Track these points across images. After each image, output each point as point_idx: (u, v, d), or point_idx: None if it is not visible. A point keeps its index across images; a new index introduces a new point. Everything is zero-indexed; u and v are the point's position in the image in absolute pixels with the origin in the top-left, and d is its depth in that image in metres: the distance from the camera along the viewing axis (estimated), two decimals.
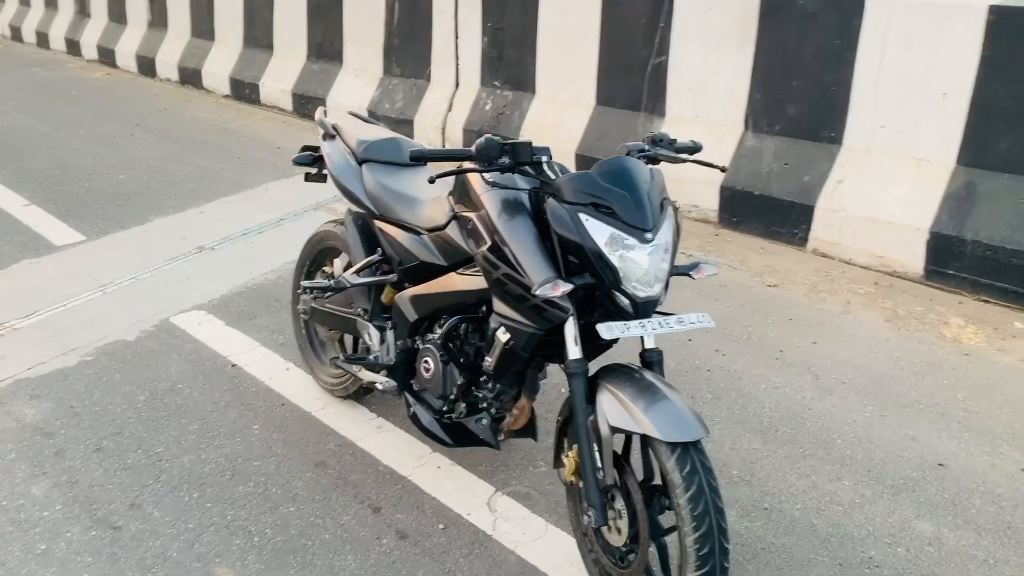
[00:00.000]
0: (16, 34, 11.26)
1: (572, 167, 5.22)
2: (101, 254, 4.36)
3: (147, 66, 8.90)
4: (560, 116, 5.43)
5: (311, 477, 2.63)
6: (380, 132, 2.79)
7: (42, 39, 10.71)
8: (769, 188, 4.44)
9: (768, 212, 4.46)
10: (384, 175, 2.60)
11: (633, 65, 5.01)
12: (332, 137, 2.83)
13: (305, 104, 7.15)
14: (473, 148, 1.96)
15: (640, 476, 1.97)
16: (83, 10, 10.04)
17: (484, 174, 2.08)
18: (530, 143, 2.00)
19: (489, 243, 2.03)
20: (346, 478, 2.62)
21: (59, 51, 10.45)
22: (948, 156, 3.90)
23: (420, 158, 1.99)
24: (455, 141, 6.01)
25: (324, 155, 2.81)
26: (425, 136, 6.19)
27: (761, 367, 3.26)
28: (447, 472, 2.64)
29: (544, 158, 2.02)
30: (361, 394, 2.98)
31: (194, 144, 6.48)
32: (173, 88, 8.53)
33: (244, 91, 7.75)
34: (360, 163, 2.67)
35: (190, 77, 8.37)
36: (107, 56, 9.51)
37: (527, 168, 2.01)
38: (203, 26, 8.22)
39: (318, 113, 2.98)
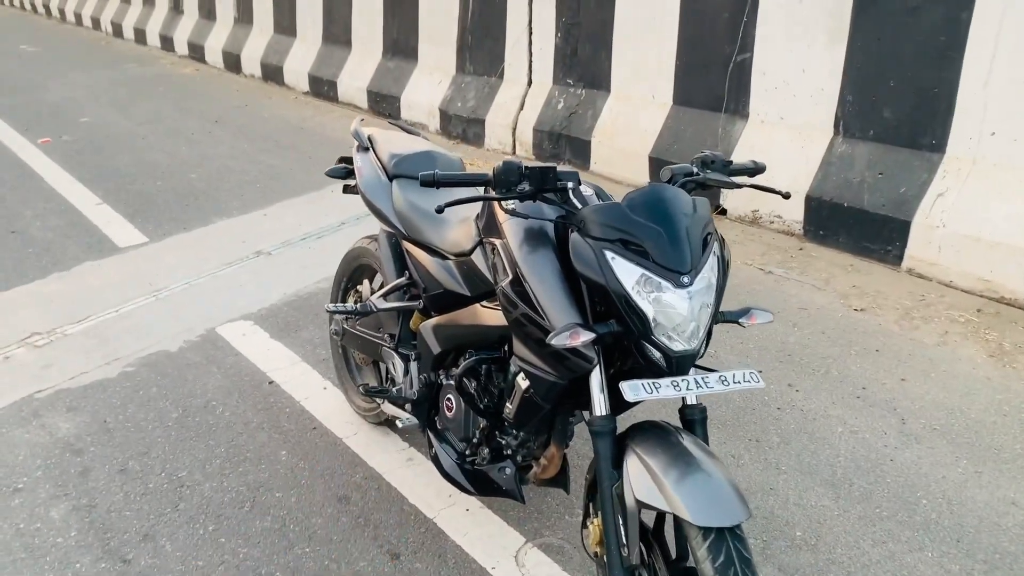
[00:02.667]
0: (117, 31, 11.65)
1: (644, 171, 4.92)
2: (160, 257, 4.34)
3: (233, 62, 9.02)
4: (635, 116, 5.12)
5: (332, 513, 2.46)
6: (416, 144, 2.59)
7: (139, 35, 11.03)
8: (860, 199, 4.03)
9: (859, 226, 4.05)
10: (414, 193, 2.40)
11: (714, 62, 4.66)
12: (366, 149, 2.65)
13: (380, 102, 7.05)
14: (491, 172, 1.73)
15: (673, 553, 1.71)
16: (177, 7, 10.27)
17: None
18: (554, 167, 1.75)
19: (510, 277, 1.79)
20: (368, 517, 2.44)
21: (154, 47, 10.74)
22: None
23: (432, 183, 1.76)
24: (525, 142, 5.78)
25: (355, 169, 2.63)
26: (496, 136, 5.99)
27: (839, 407, 2.91)
28: (475, 516, 2.42)
29: (570, 184, 1.76)
30: (393, 421, 2.80)
31: (268, 142, 6.47)
32: (256, 84, 8.60)
33: (322, 88, 7.73)
34: (391, 179, 2.48)
35: (272, 74, 8.41)
36: (197, 52, 9.70)
37: (553, 196, 1.76)
38: (285, 22, 8.24)
39: (355, 123, 2.80)
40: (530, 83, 5.84)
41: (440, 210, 1.74)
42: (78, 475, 2.65)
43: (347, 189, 2.85)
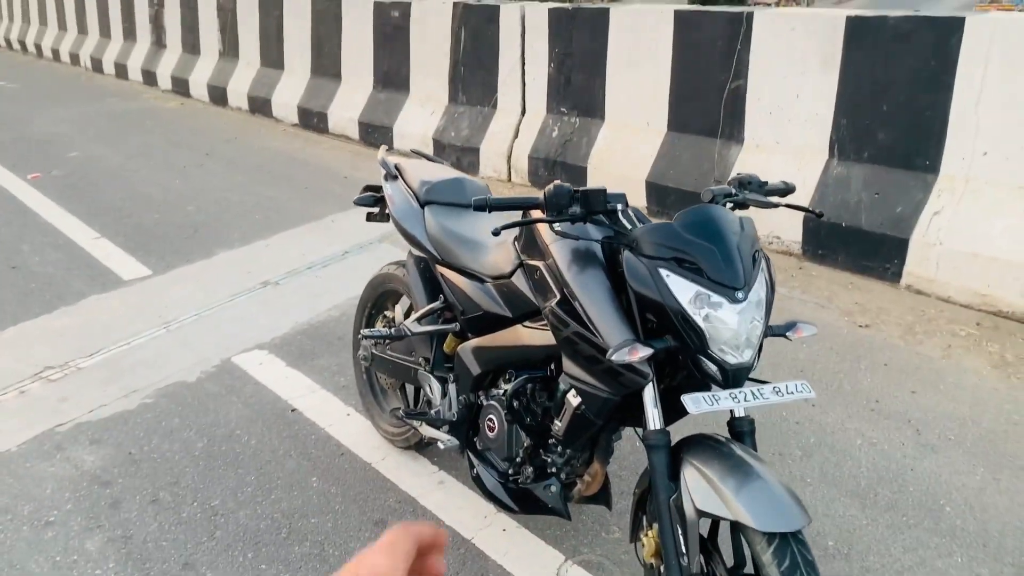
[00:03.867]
0: (97, 65, 11.63)
1: (642, 196, 5.02)
2: (166, 289, 4.34)
3: (219, 96, 9.05)
4: (630, 143, 5.23)
5: (369, 537, 2.48)
6: (444, 172, 2.65)
7: (120, 70, 11.03)
8: (858, 219, 4.15)
9: (857, 245, 4.17)
10: (447, 218, 2.45)
11: (708, 89, 4.79)
12: (394, 178, 2.70)
13: (372, 133, 7.12)
14: (542, 196, 1.79)
15: (730, 563, 1.76)
16: (159, 41, 10.30)
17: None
18: (604, 190, 1.82)
19: (558, 296, 1.85)
20: None
21: (136, 82, 10.74)
22: None
23: (484, 207, 1.82)
24: (521, 169, 5.87)
25: (386, 196, 2.68)
26: (491, 164, 6.07)
27: (855, 420, 2.99)
28: (512, 536, 2.45)
29: (619, 206, 1.83)
30: (423, 445, 2.83)
31: (262, 174, 6.50)
32: (243, 117, 8.63)
33: (312, 120, 7.78)
34: (422, 205, 2.53)
35: (259, 106, 8.46)
36: (181, 86, 9.72)
37: (601, 217, 1.82)
38: (272, 55, 8.30)
39: (381, 152, 2.86)
40: (524, 112, 5.94)
41: (497, 232, 1.80)
42: (109, 507, 2.64)
43: (371, 217, 2.89)
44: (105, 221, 5.39)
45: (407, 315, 2.63)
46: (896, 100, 4.03)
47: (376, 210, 2.85)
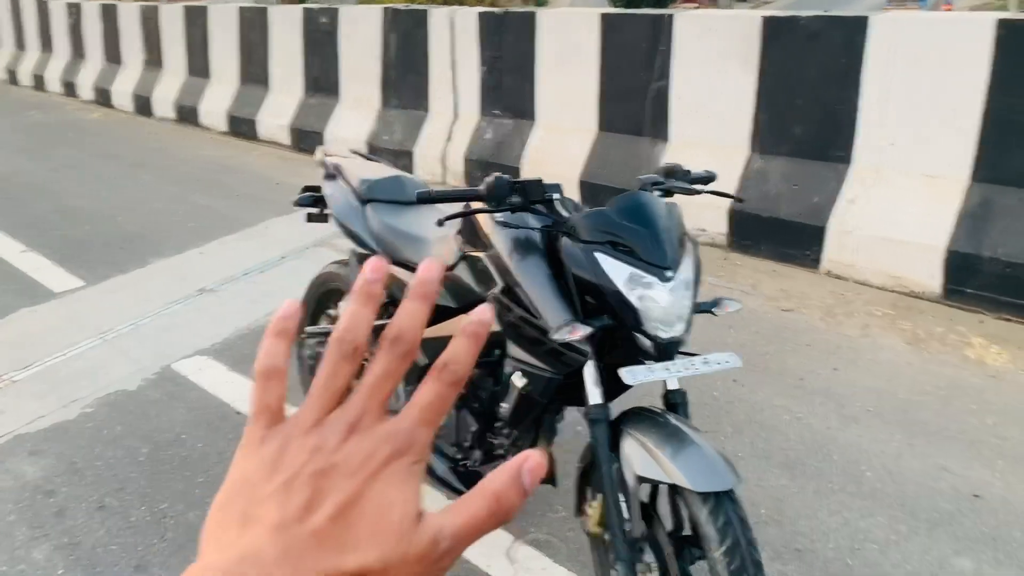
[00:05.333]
0: (12, 77, 11.28)
1: (576, 194, 5.15)
2: (101, 300, 4.28)
3: (143, 105, 8.89)
4: (562, 143, 5.37)
5: None
6: (383, 170, 2.72)
7: (39, 81, 10.72)
8: (778, 210, 4.36)
9: (779, 234, 4.38)
10: (389, 215, 2.52)
11: (634, 90, 4.96)
12: (333, 177, 2.75)
13: (303, 139, 7.10)
14: (483, 187, 1.88)
15: (669, 526, 1.87)
16: (79, 51, 10.05)
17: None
18: (540, 180, 1.92)
19: (501, 284, 1.94)
20: None
21: (56, 93, 10.45)
22: (962, 172, 3.83)
23: (427, 199, 1.90)
24: (456, 171, 5.95)
25: (326, 196, 2.73)
26: (426, 167, 6.14)
27: (782, 397, 3.17)
28: None
29: (556, 195, 1.93)
30: None
31: (192, 182, 6.43)
32: (170, 127, 8.50)
33: (241, 127, 7.72)
34: (363, 203, 2.59)
35: (187, 115, 8.34)
36: (103, 97, 9.50)
37: (539, 206, 1.92)
38: (199, 64, 8.20)
39: (318, 153, 2.91)
40: (456, 115, 6.03)
41: (441, 223, 1.88)
42: (54, 515, 2.62)
43: (311, 217, 2.93)
44: (31, 234, 5.27)
45: None
46: (811, 96, 4.25)
47: (316, 210, 2.89)
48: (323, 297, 2.97)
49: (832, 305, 3.93)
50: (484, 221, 2.05)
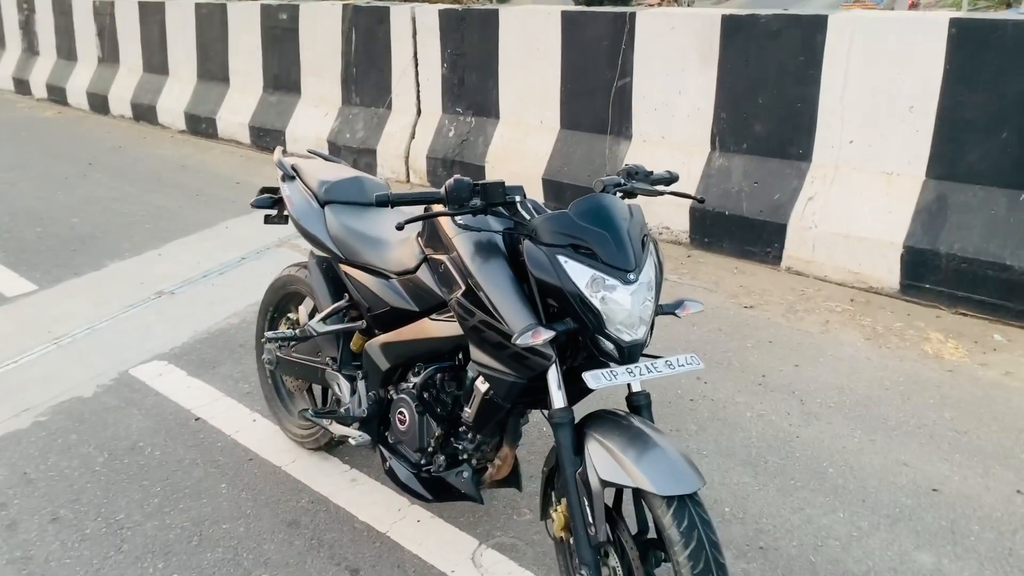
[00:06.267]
0: None
1: (539, 192, 5.14)
2: (55, 304, 4.17)
3: (99, 103, 8.70)
4: (525, 141, 5.35)
5: (284, 538, 2.49)
6: (342, 171, 2.68)
7: None
8: (740, 207, 4.39)
9: (740, 232, 4.41)
10: (348, 217, 2.48)
11: (597, 88, 4.96)
12: (292, 178, 2.71)
13: (263, 137, 7.00)
14: (443, 190, 1.85)
15: (634, 529, 1.87)
16: (31, 47, 9.80)
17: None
18: (502, 183, 1.90)
19: (463, 288, 1.92)
20: (321, 538, 2.48)
21: (7, 90, 10.19)
22: (918, 169, 3.88)
23: (386, 203, 1.88)
24: (419, 169, 5.91)
25: (284, 198, 2.69)
26: (389, 165, 6.08)
27: (745, 394, 3.19)
28: (427, 526, 2.51)
29: (517, 198, 1.91)
30: (333, 445, 2.84)
31: (150, 183, 6.30)
32: (127, 125, 8.33)
33: (200, 126, 7.59)
34: (322, 205, 2.55)
35: (144, 113, 8.18)
36: (58, 94, 9.28)
37: (500, 209, 1.90)
38: (156, 61, 8.04)
39: (276, 153, 2.86)
40: (419, 112, 5.98)
41: (400, 227, 1.85)
42: (5, 528, 2.55)
43: (269, 219, 2.88)
44: None
45: (311, 316, 2.64)
46: (770, 94, 4.28)
47: (274, 212, 2.84)
48: (282, 301, 2.93)
49: (793, 301, 3.97)
50: (445, 224, 2.03)
